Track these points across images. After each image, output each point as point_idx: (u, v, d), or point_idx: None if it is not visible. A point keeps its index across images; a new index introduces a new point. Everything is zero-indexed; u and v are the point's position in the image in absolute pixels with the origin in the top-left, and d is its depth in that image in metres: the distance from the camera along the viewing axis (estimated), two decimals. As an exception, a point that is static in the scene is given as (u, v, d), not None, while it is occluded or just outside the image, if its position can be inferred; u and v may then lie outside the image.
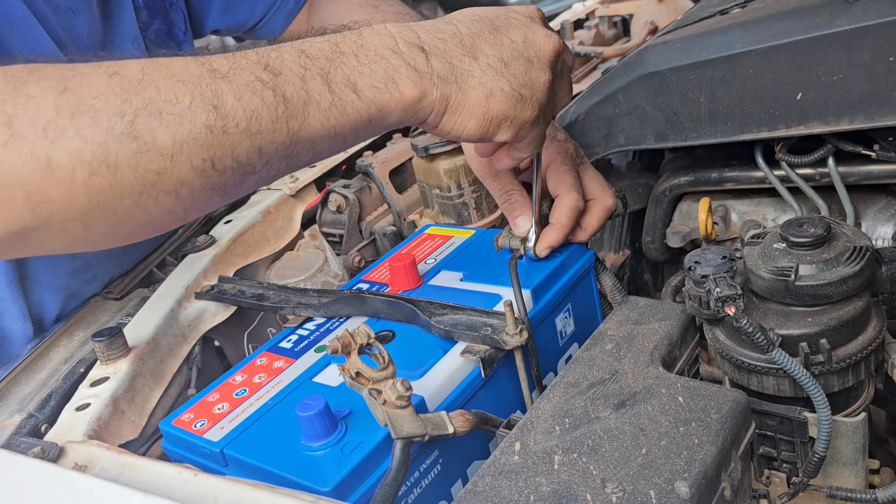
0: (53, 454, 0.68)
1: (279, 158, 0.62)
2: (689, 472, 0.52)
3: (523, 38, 0.68)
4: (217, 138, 0.58)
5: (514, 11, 0.70)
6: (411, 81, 0.63)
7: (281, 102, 0.60)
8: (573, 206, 0.81)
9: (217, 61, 0.60)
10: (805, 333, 0.63)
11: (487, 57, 0.66)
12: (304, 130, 0.61)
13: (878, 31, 0.75)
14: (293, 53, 0.62)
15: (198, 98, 0.58)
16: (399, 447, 0.58)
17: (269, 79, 0.60)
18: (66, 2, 0.94)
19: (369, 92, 0.62)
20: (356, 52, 0.63)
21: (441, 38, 0.66)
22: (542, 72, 0.68)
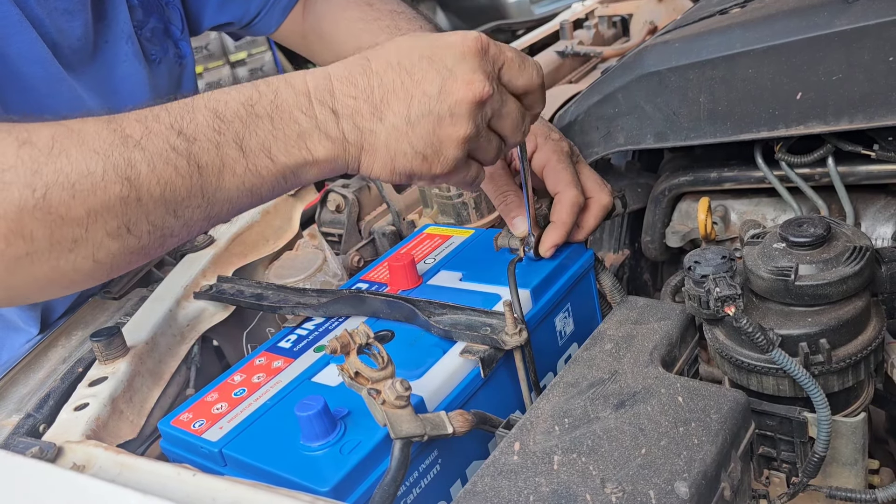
0: (52, 454, 0.68)
1: (197, 220, 0.63)
2: (689, 473, 0.52)
3: (438, 90, 0.63)
4: (131, 207, 0.59)
5: (445, 47, 0.65)
6: (323, 147, 0.64)
7: (195, 171, 0.60)
8: (573, 203, 0.81)
9: (130, 126, 0.60)
10: (805, 333, 0.63)
11: (394, 116, 0.64)
12: (219, 193, 0.62)
13: (877, 30, 0.75)
14: (207, 116, 0.61)
15: (110, 170, 0.58)
16: (398, 447, 0.57)
17: (182, 146, 0.60)
18: (61, 3, 0.94)
19: (283, 157, 0.63)
20: (271, 114, 0.63)
21: (353, 95, 0.64)
22: (455, 127, 0.64)
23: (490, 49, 0.66)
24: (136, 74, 1.05)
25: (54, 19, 0.93)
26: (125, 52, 1.03)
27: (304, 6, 1.21)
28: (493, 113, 0.67)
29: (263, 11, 1.20)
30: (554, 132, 0.87)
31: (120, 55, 1.03)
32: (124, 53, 1.03)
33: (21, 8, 0.89)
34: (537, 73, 0.70)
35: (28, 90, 0.92)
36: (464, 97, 0.64)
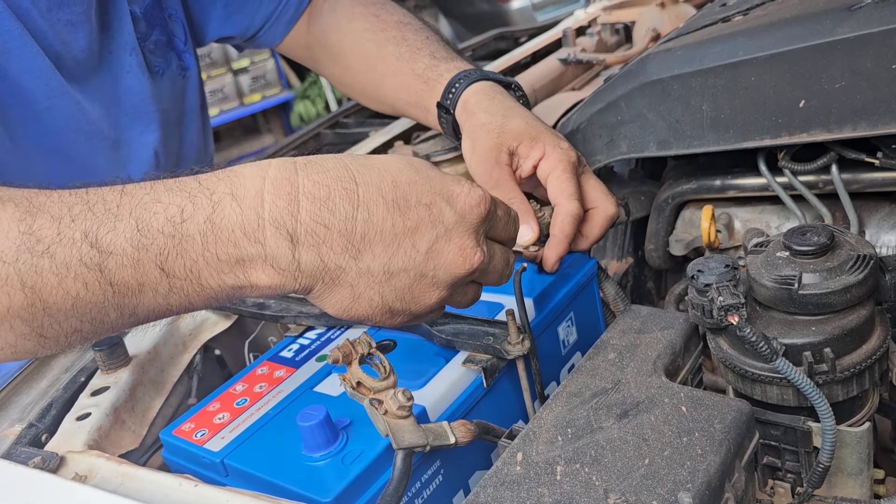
0: (54, 464, 0.68)
1: (121, 325, 0.57)
2: (693, 483, 0.52)
3: (428, 248, 0.57)
4: (38, 315, 0.54)
5: (448, 200, 0.58)
6: (266, 276, 0.55)
7: (108, 288, 0.54)
8: (572, 215, 0.81)
9: (42, 228, 0.54)
10: (809, 342, 0.63)
11: (373, 258, 0.56)
12: (141, 307, 0.56)
13: (880, 38, 0.75)
14: (129, 227, 0.54)
15: (14, 277, 0.53)
16: (400, 458, 0.57)
17: (94, 260, 0.53)
18: (65, 15, 0.94)
19: (214, 282, 0.55)
20: (204, 233, 0.54)
21: (327, 223, 0.55)
22: (432, 290, 0.59)
23: (489, 213, 0.60)
24: (140, 85, 1.06)
25: (58, 31, 0.94)
26: (129, 63, 1.04)
27: (309, 18, 1.21)
28: (480, 274, 0.62)
29: (268, 24, 1.20)
30: (563, 141, 0.87)
31: (124, 66, 1.04)
32: (128, 65, 1.04)
33: (24, 21, 0.90)
34: (516, 228, 0.67)
35: (28, 104, 0.93)
36: (452, 264, 0.58)
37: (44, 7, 0.91)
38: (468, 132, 0.93)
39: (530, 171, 0.86)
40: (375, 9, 1.16)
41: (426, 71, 1.04)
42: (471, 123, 0.94)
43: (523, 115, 0.91)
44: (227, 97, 5.87)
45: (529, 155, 0.85)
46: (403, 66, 1.07)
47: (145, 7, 1.07)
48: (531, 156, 0.85)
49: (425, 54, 1.06)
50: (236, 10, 1.18)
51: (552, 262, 0.80)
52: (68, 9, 0.94)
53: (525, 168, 0.85)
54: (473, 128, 0.92)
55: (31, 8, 0.90)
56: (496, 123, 0.90)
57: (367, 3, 1.17)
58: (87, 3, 0.96)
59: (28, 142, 0.94)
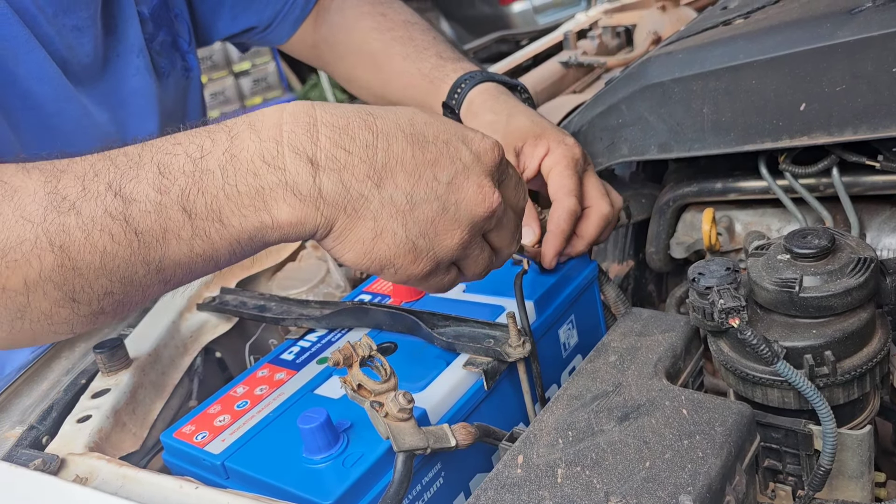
0: (54, 466, 0.68)
1: (150, 285, 0.56)
2: (693, 486, 0.52)
3: (449, 181, 0.56)
4: (69, 275, 0.54)
5: (464, 140, 0.58)
6: (287, 205, 0.54)
7: (133, 237, 0.53)
8: (568, 211, 0.81)
9: (68, 185, 0.54)
10: (809, 345, 0.63)
11: (396, 188, 0.55)
12: (167, 260, 0.55)
13: (881, 42, 0.75)
14: (151, 172, 0.54)
15: (43, 238, 0.53)
16: (401, 460, 0.57)
17: (118, 209, 0.53)
18: (71, 20, 0.94)
19: (236, 220, 0.54)
20: (224, 166, 0.53)
21: (347, 148, 0.54)
22: (454, 226, 0.57)
23: (504, 162, 0.61)
24: (146, 87, 1.06)
25: (64, 36, 0.94)
26: (136, 65, 1.04)
27: (316, 17, 1.21)
28: (495, 224, 0.61)
29: (276, 21, 1.21)
30: (568, 138, 0.87)
31: (130, 69, 1.04)
32: (135, 67, 1.04)
33: (31, 27, 0.90)
34: (525, 196, 0.66)
35: (35, 108, 0.93)
36: (472, 201, 0.58)
37: (50, 13, 0.92)
38: None
39: (535, 169, 0.86)
40: (383, 8, 1.16)
41: (432, 71, 1.04)
42: (475, 124, 0.94)
43: (527, 114, 0.92)
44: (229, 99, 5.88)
45: (534, 153, 0.85)
46: (410, 66, 1.08)
47: (153, 7, 1.07)
48: (535, 153, 0.85)
49: (432, 54, 1.07)
50: (243, 9, 1.19)
51: (549, 257, 0.80)
52: (74, 14, 0.94)
53: (531, 166, 0.86)
54: (479, 128, 0.92)
55: (38, 14, 0.91)
56: (501, 123, 0.90)
57: (374, 3, 1.17)
58: (92, 8, 0.96)
59: (37, 146, 0.95)
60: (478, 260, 0.63)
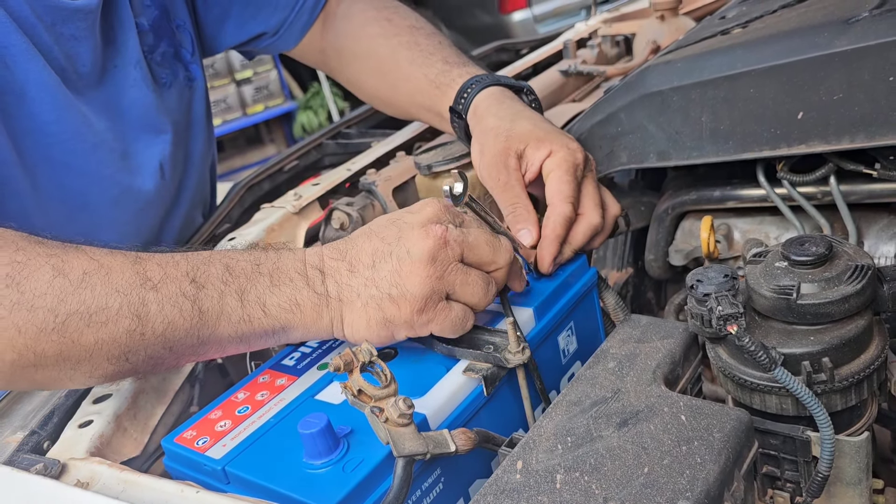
0: (55, 471, 0.68)
1: (188, 354, 0.70)
2: (692, 492, 0.52)
3: (397, 237, 0.69)
4: (135, 339, 0.66)
5: (407, 212, 0.72)
6: (311, 304, 0.70)
7: (197, 314, 0.67)
8: (563, 216, 0.81)
9: (151, 269, 0.68)
10: (807, 352, 0.63)
11: (363, 266, 0.70)
12: (213, 336, 0.69)
13: (877, 51, 0.76)
14: (220, 269, 0.69)
15: (125, 306, 0.65)
16: (401, 465, 0.58)
17: (191, 292, 0.67)
18: (70, 29, 0.95)
19: (275, 311, 0.70)
20: (271, 272, 0.70)
21: (335, 257, 0.72)
22: (415, 265, 0.68)
23: (450, 211, 0.72)
24: (145, 98, 1.06)
25: (62, 45, 0.94)
26: (134, 77, 1.04)
27: (323, 22, 1.22)
28: (461, 248, 0.69)
29: (283, 29, 1.21)
30: (571, 142, 0.87)
31: (129, 80, 1.04)
32: (133, 78, 1.04)
33: (29, 35, 0.90)
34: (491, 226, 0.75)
35: (34, 117, 0.93)
36: (419, 238, 0.68)
37: (49, 21, 0.92)
38: (477, 137, 0.94)
39: (536, 171, 0.86)
40: (388, 13, 1.17)
41: (439, 76, 1.05)
42: (480, 128, 0.94)
43: (531, 118, 0.92)
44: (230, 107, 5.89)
45: (535, 155, 0.86)
46: (416, 72, 1.08)
47: (153, 19, 1.07)
48: (537, 156, 0.86)
49: (438, 59, 1.07)
50: (251, 17, 1.19)
51: (546, 262, 0.81)
52: (73, 24, 0.95)
53: (532, 169, 0.86)
54: (482, 132, 0.93)
55: (37, 22, 0.91)
56: (504, 127, 0.90)
57: (379, 8, 1.18)
58: (91, 18, 0.96)
59: (34, 154, 0.95)
60: (467, 285, 0.70)
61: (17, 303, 0.63)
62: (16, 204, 0.93)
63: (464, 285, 0.69)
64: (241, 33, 1.21)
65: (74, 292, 0.64)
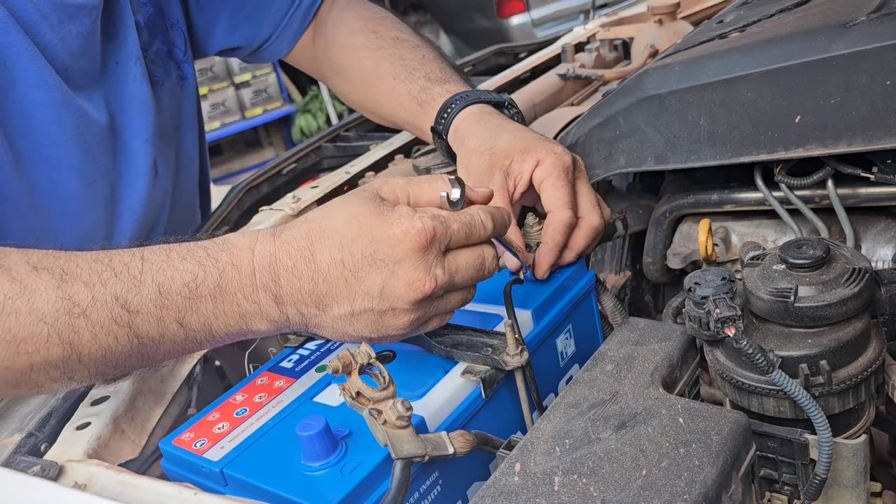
0: (53, 473, 0.68)
1: (135, 367, 0.69)
2: (690, 494, 0.52)
3: (380, 291, 0.64)
4: (72, 364, 0.64)
5: (389, 245, 0.63)
6: (265, 325, 0.67)
7: (135, 340, 0.65)
8: (564, 223, 0.81)
9: (78, 292, 0.63)
10: (805, 355, 0.63)
11: (338, 308, 0.65)
12: (158, 355, 0.68)
13: (875, 55, 0.76)
14: (152, 291, 0.64)
15: (55, 335, 0.63)
16: (399, 467, 0.58)
17: (125, 319, 0.64)
18: (76, 27, 0.95)
19: (223, 333, 0.67)
20: (214, 295, 0.65)
21: (297, 287, 0.65)
22: (398, 318, 0.66)
23: (437, 237, 0.64)
24: (143, 94, 1.07)
25: (68, 43, 0.95)
26: (134, 72, 1.05)
27: (314, 31, 1.22)
28: (447, 289, 0.66)
29: (274, 36, 1.21)
30: (556, 146, 0.87)
31: (129, 76, 1.05)
32: (133, 74, 1.05)
33: (32, 35, 0.91)
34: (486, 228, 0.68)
35: (33, 116, 0.94)
36: (405, 296, 0.64)
37: (55, 20, 0.92)
38: (461, 159, 0.95)
39: (527, 182, 0.86)
40: (374, 24, 1.17)
41: (420, 93, 1.06)
42: (463, 149, 0.95)
43: (512, 131, 0.92)
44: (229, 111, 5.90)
45: (522, 167, 0.86)
46: (400, 87, 1.09)
47: (148, 16, 1.08)
48: (524, 167, 0.86)
49: (420, 75, 1.08)
50: (242, 21, 1.19)
51: (543, 269, 0.81)
52: (78, 20, 0.95)
53: (522, 181, 0.86)
54: (465, 154, 0.94)
55: (41, 21, 0.91)
56: (486, 145, 0.91)
57: (367, 19, 1.18)
58: (94, 15, 0.97)
59: (31, 154, 0.95)
60: (447, 306, 0.68)
61: None
62: (10, 205, 0.93)
63: (445, 307, 0.68)
64: (231, 37, 1.21)
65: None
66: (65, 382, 0.67)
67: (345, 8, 1.20)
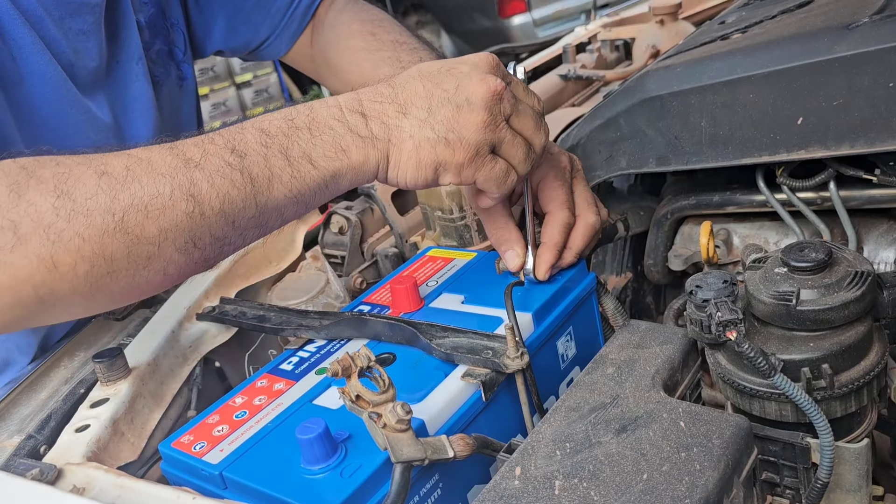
0: (52, 476, 0.68)
1: (251, 228, 0.70)
2: (691, 498, 0.52)
3: (456, 86, 0.71)
4: (196, 221, 0.66)
5: (461, 62, 0.73)
6: (356, 147, 0.70)
7: (248, 182, 0.67)
8: (563, 223, 0.81)
9: (189, 150, 0.67)
10: (807, 358, 0.63)
11: (417, 109, 0.71)
12: (270, 202, 0.69)
13: (877, 57, 0.76)
14: (255, 134, 0.69)
15: (177, 189, 0.65)
16: (398, 471, 0.57)
17: (236, 162, 0.67)
18: (78, 24, 0.95)
19: (323, 161, 0.70)
20: (309, 125, 0.70)
21: (379, 100, 0.72)
22: (472, 114, 0.70)
23: (501, 66, 0.74)
24: (146, 94, 1.07)
25: (71, 40, 0.95)
26: (136, 72, 1.05)
27: (312, 32, 1.22)
28: (511, 110, 0.72)
29: (273, 36, 1.21)
30: (553, 147, 0.87)
31: (131, 75, 1.05)
32: (135, 74, 1.05)
33: (37, 29, 0.91)
34: (538, 100, 0.77)
35: (37, 110, 0.94)
36: (478, 89, 0.70)
37: (57, 16, 0.93)
38: None
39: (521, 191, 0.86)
40: (373, 26, 1.17)
41: None
42: None
43: None
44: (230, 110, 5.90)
45: None
46: None
47: (149, 16, 1.08)
48: None
49: None
50: (241, 22, 1.19)
51: (544, 270, 0.81)
52: (80, 18, 0.95)
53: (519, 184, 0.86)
54: None
55: (45, 16, 0.92)
56: None
57: (365, 20, 1.18)
58: (97, 13, 0.97)
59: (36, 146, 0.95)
60: (513, 144, 0.73)
61: (73, 211, 0.62)
62: None
63: (511, 143, 0.73)
64: (230, 38, 1.21)
65: (123, 188, 0.64)
66: (189, 252, 0.67)
67: (343, 9, 1.20)
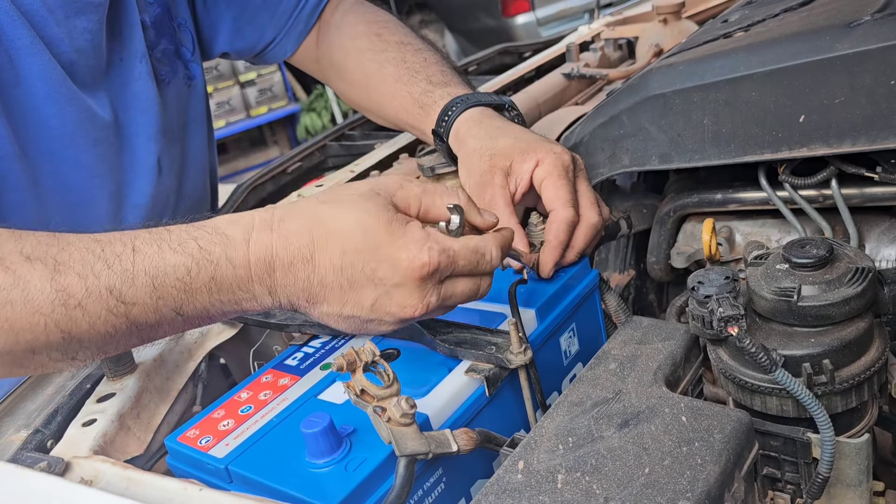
0: (59, 469, 0.68)
1: (138, 345, 0.69)
2: (692, 492, 0.53)
3: (371, 304, 0.66)
4: (72, 347, 0.64)
5: (392, 267, 0.65)
6: (257, 308, 0.68)
7: (133, 328, 0.65)
8: (566, 221, 0.82)
9: (72, 285, 0.63)
10: (808, 354, 0.64)
11: (328, 307, 0.67)
12: (158, 335, 0.68)
13: (879, 55, 0.76)
14: (146, 283, 0.64)
15: (52, 325, 0.63)
16: (403, 465, 0.58)
17: (121, 310, 0.64)
18: (82, 22, 0.96)
19: (220, 316, 0.68)
20: (209, 288, 0.65)
21: (292, 284, 0.66)
22: (381, 327, 0.69)
23: (439, 271, 0.65)
24: (148, 92, 1.07)
25: (74, 38, 0.95)
26: (139, 70, 1.05)
27: (318, 33, 1.22)
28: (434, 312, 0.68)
29: (278, 38, 1.22)
30: (555, 146, 0.88)
31: (134, 74, 1.05)
32: (138, 72, 1.05)
33: (38, 29, 0.91)
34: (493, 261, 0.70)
35: (36, 109, 0.94)
36: (394, 313, 0.67)
37: (61, 15, 0.93)
38: (462, 161, 0.96)
39: (528, 183, 0.86)
40: (378, 27, 1.17)
41: (422, 96, 1.06)
42: (463, 152, 0.96)
43: (512, 133, 0.93)
44: (234, 109, 5.91)
45: (523, 168, 0.86)
46: (402, 90, 1.09)
47: (155, 16, 1.08)
48: (524, 168, 0.86)
49: (422, 78, 1.08)
50: (247, 23, 1.20)
51: (548, 268, 0.81)
52: (85, 16, 0.96)
53: (524, 181, 0.86)
54: (466, 155, 0.94)
55: (48, 16, 0.92)
56: (486, 147, 0.91)
57: (370, 22, 1.18)
58: (101, 12, 0.98)
59: (36, 148, 0.96)
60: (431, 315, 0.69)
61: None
62: (15, 197, 0.94)
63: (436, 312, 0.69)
64: (236, 38, 1.21)
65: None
66: (68, 362, 0.67)
67: (348, 11, 1.21)
